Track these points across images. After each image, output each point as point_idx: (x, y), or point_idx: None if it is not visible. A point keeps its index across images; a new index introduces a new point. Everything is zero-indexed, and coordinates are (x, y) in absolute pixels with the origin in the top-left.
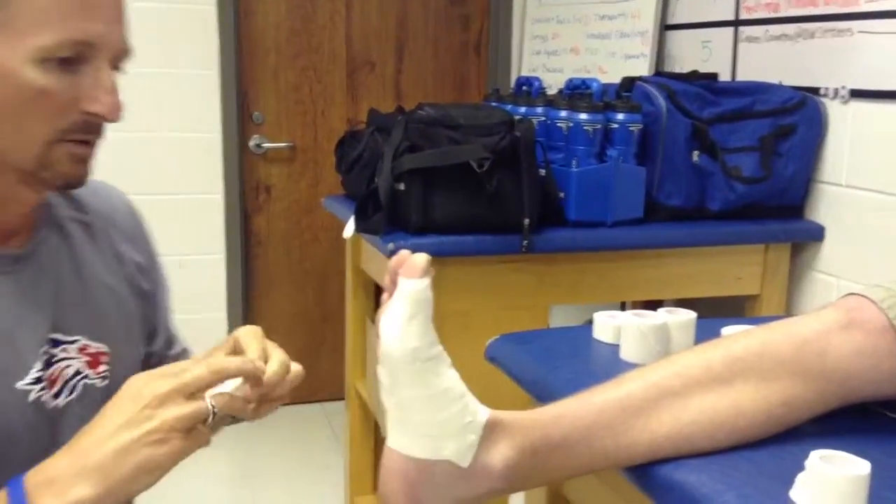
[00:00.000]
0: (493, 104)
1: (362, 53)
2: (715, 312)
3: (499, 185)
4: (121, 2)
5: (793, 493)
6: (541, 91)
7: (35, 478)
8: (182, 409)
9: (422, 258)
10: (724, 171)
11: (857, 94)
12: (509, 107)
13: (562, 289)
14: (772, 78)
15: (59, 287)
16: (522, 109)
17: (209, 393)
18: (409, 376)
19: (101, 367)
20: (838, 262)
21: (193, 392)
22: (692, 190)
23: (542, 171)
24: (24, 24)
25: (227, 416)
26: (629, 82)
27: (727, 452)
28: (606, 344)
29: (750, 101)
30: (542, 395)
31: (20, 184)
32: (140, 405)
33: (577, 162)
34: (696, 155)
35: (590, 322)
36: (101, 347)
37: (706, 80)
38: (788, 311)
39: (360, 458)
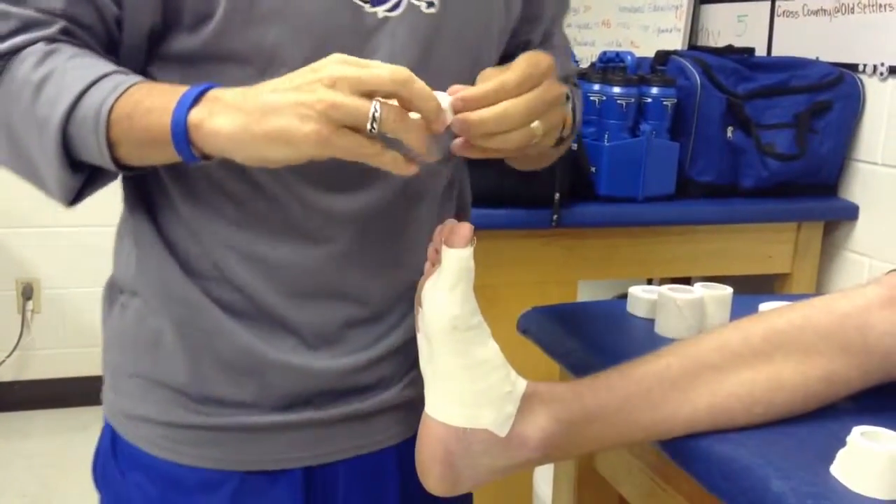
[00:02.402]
0: None
1: None
2: (744, 291)
3: None
4: None
5: (833, 469)
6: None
7: (216, 91)
8: (342, 99)
9: (466, 227)
10: (758, 148)
11: None
12: None
13: (591, 264)
14: (809, 53)
15: None
16: None
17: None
18: (449, 345)
19: None
20: (871, 241)
21: (369, 91)
22: (725, 166)
23: (574, 145)
24: None
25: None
26: (663, 56)
27: (766, 427)
28: (641, 318)
29: (786, 76)
30: (576, 368)
31: None
32: (311, 78)
33: (609, 136)
34: (730, 131)
35: (621, 297)
36: None
37: (742, 55)
38: (819, 290)
39: None
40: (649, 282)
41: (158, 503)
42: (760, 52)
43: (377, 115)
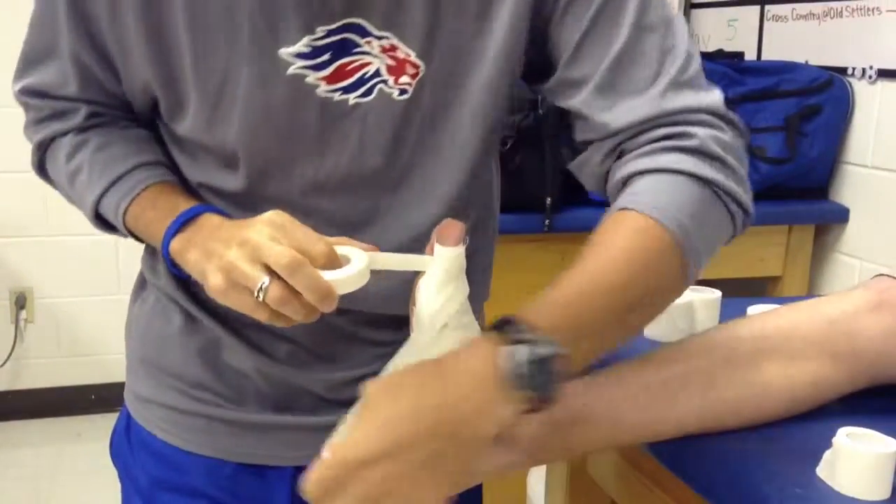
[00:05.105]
0: None
1: None
2: (736, 293)
3: (521, 163)
4: None
5: (819, 471)
6: None
7: (199, 221)
8: (240, 263)
9: (457, 225)
10: (749, 152)
11: (885, 73)
12: None
13: None
14: (798, 57)
15: None
16: None
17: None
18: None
19: (403, 79)
20: (862, 244)
21: (266, 264)
22: None
23: (566, 150)
24: None
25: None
26: None
27: (753, 430)
28: None
29: (776, 80)
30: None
31: None
32: (236, 234)
33: None
34: None
35: None
36: (410, 54)
37: (732, 60)
38: (810, 293)
39: None
40: None
41: (159, 483)
42: (750, 56)
43: (264, 288)
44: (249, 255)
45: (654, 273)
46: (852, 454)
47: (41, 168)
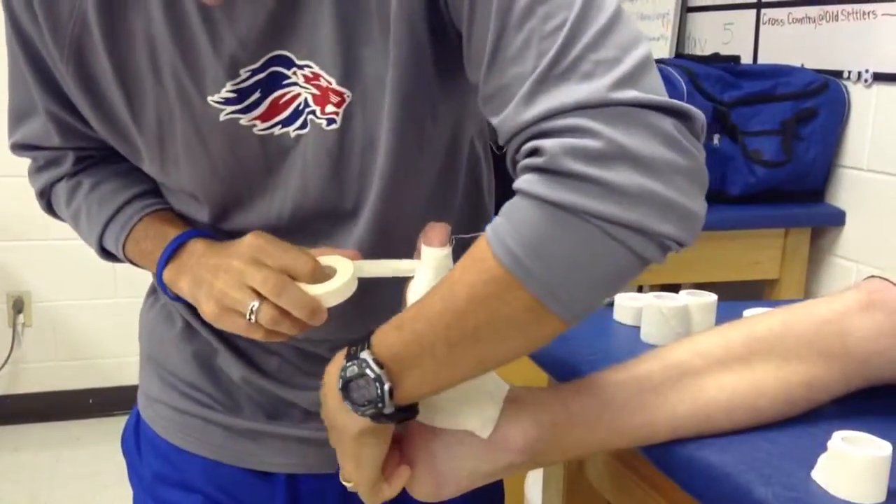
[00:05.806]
0: None
1: None
2: (733, 297)
3: None
4: None
5: (815, 474)
6: None
7: (188, 247)
8: (230, 291)
9: (443, 227)
10: (745, 155)
11: (881, 77)
12: None
13: None
14: (794, 61)
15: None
16: None
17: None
18: None
19: (329, 108)
20: (858, 246)
21: (252, 288)
22: (712, 173)
23: None
24: None
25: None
26: None
27: (748, 433)
28: (627, 326)
29: (772, 84)
30: (562, 375)
31: None
32: (221, 262)
33: None
34: (716, 138)
35: (609, 304)
36: (332, 82)
37: (728, 63)
38: (807, 296)
39: None
40: (639, 289)
41: (161, 478)
42: (746, 59)
43: (254, 310)
44: (236, 282)
45: (493, 305)
46: (848, 457)
47: (51, 211)
